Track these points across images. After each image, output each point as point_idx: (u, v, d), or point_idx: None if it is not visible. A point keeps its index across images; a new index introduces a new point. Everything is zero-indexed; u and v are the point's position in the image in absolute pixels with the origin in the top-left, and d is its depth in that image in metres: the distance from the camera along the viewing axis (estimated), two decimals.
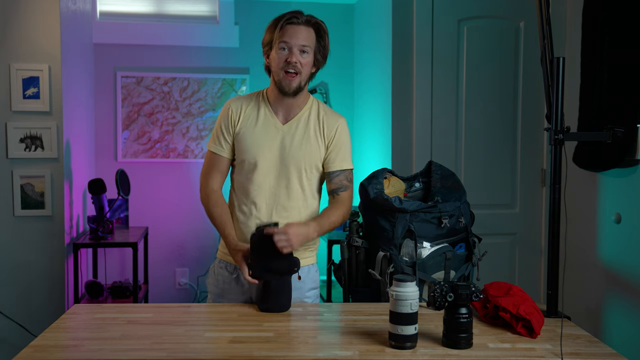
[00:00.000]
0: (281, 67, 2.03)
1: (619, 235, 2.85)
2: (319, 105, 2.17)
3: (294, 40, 2.02)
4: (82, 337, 1.73)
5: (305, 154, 2.10)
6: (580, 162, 2.94)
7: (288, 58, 2.02)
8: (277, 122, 2.11)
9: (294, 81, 2.04)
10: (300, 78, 2.04)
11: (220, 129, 2.14)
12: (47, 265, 3.29)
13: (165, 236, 4.33)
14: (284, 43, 2.02)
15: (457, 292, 1.62)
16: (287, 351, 1.58)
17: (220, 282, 2.19)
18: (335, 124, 2.14)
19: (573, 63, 3.08)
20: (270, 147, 2.09)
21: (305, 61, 2.04)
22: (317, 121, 2.13)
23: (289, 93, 2.06)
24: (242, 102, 2.15)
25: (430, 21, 3.42)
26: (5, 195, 3.24)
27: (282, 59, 2.03)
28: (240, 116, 2.12)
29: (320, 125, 2.13)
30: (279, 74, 2.05)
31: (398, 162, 3.46)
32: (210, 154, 2.17)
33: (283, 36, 2.02)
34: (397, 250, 2.09)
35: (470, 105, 3.48)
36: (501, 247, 3.53)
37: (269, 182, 2.10)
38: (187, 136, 4.32)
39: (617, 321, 2.87)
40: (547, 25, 1.93)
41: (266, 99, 2.15)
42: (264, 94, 2.17)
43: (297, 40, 2.02)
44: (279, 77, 2.05)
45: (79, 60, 3.78)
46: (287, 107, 2.12)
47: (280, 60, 2.03)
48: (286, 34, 2.02)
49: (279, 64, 2.03)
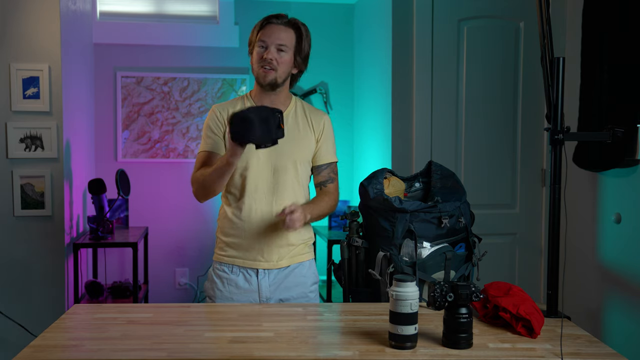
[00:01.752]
0: (259, 63, 2.12)
1: (619, 235, 2.85)
2: (302, 104, 2.26)
3: (271, 39, 2.11)
4: (82, 337, 1.73)
5: (299, 148, 2.17)
6: (580, 162, 2.94)
7: (264, 55, 2.11)
8: None
9: (268, 75, 2.12)
10: (276, 74, 2.12)
11: (210, 130, 2.18)
12: (47, 265, 3.29)
13: (165, 236, 4.33)
14: (262, 42, 2.12)
15: (457, 292, 1.61)
16: (287, 351, 1.58)
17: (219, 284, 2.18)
18: (321, 119, 2.24)
19: (573, 63, 3.08)
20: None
21: (282, 59, 2.12)
22: (304, 117, 2.21)
23: (264, 86, 2.14)
24: (226, 106, 2.21)
25: (430, 21, 3.42)
26: (5, 195, 3.24)
27: (260, 55, 2.12)
28: (227, 116, 2.16)
29: (309, 120, 2.21)
30: (257, 71, 2.14)
31: (398, 162, 3.46)
32: (201, 155, 2.17)
33: (262, 35, 2.12)
34: (397, 250, 2.09)
35: (470, 105, 3.48)
36: (501, 247, 3.54)
37: (264, 178, 2.13)
38: (187, 136, 4.32)
39: (617, 321, 2.87)
40: (547, 25, 1.93)
41: (251, 99, 2.21)
42: (248, 95, 2.23)
43: (274, 39, 2.11)
44: (257, 73, 2.14)
45: (79, 60, 3.78)
46: (272, 104, 2.16)
47: (257, 57, 2.13)
48: (265, 33, 2.12)
49: (257, 61, 2.13)
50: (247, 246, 2.15)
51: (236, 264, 2.17)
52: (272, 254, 2.15)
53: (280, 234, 2.15)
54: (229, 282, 2.17)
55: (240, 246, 2.16)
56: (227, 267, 2.18)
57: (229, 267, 2.17)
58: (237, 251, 2.16)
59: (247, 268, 2.16)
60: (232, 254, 2.17)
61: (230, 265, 2.18)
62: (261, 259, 2.15)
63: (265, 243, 2.14)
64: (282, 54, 2.11)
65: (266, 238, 2.14)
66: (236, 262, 2.16)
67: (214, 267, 2.22)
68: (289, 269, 2.19)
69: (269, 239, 2.14)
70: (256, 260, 2.15)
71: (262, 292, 2.16)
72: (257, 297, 2.16)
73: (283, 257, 2.17)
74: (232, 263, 2.17)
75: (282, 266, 2.17)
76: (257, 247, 2.14)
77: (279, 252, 2.16)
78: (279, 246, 2.16)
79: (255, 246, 2.14)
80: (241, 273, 2.17)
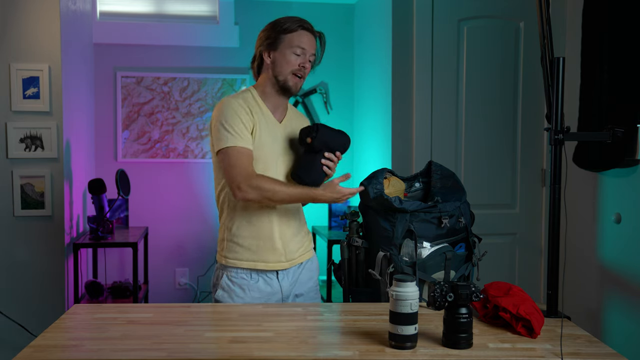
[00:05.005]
0: (292, 70, 2.11)
1: (619, 235, 2.85)
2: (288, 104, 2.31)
3: (309, 48, 2.13)
4: (82, 337, 1.73)
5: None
6: (580, 162, 2.94)
7: (302, 62, 2.11)
8: (275, 121, 2.17)
9: (299, 83, 2.15)
10: (302, 81, 2.16)
11: (242, 124, 2.05)
12: (47, 265, 3.29)
13: (165, 236, 4.33)
14: (300, 49, 2.11)
15: (457, 292, 1.61)
16: (287, 351, 1.58)
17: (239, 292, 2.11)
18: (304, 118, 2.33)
19: (573, 63, 3.08)
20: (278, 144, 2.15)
21: (309, 67, 2.16)
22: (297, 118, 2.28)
23: (292, 93, 2.16)
24: (242, 100, 2.12)
25: (430, 21, 3.42)
26: (5, 195, 3.24)
27: (297, 62, 2.11)
28: (251, 111, 2.10)
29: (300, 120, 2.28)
30: (285, 75, 2.12)
31: (398, 162, 3.46)
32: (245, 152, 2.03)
33: (301, 42, 2.11)
34: (397, 250, 2.09)
35: (470, 105, 3.48)
36: (501, 247, 3.54)
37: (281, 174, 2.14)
38: (187, 136, 4.32)
39: (617, 321, 2.87)
40: (547, 25, 1.93)
41: (258, 97, 2.17)
42: (254, 92, 2.18)
43: (311, 48, 2.13)
44: (285, 78, 2.12)
45: (79, 60, 3.78)
46: (279, 104, 2.19)
47: (294, 64, 2.11)
48: (304, 41, 2.11)
49: (291, 67, 2.11)
50: (270, 248, 2.12)
51: (258, 268, 2.11)
52: (292, 253, 2.17)
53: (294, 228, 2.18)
54: (250, 288, 2.12)
55: (262, 249, 2.11)
56: (245, 274, 2.13)
57: (247, 273, 2.13)
58: (258, 255, 2.11)
59: (267, 271, 2.14)
60: (253, 258, 2.11)
61: (248, 270, 2.13)
62: (283, 260, 2.14)
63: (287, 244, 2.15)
64: (309, 63, 2.15)
65: (286, 237, 2.15)
66: (258, 266, 2.11)
67: (229, 275, 2.13)
68: (302, 265, 2.23)
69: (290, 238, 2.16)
70: (279, 262, 2.14)
71: (284, 292, 2.17)
72: (280, 298, 2.16)
73: (300, 253, 2.20)
74: (253, 268, 2.11)
75: (298, 262, 2.20)
76: (280, 248, 2.13)
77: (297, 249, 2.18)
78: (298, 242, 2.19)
79: (278, 247, 2.12)
80: (260, 278, 2.13)
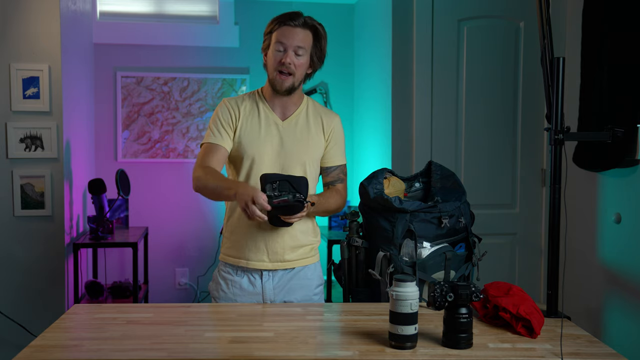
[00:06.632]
0: (275, 67, 2.08)
1: (619, 235, 2.85)
2: (314, 104, 2.23)
3: (289, 42, 2.06)
4: (82, 337, 1.73)
5: (308, 148, 2.14)
6: (580, 162, 2.94)
7: (282, 59, 2.07)
8: (276, 119, 2.15)
9: (286, 81, 2.09)
10: (293, 79, 2.10)
11: (220, 123, 2.11)
12: (47, 265, 3.28)
13: (165, 236, 4.33)
14: (280, 44, 2.07)
15: (457, 292, 1.61)
16: (287, 351, 1.58)
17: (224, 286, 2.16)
18: (332, 120, 2.21)
19: (573, 63, 3.08)
20: (271, 142, 2.12)
21: (299, 62, 2.08)
22: (315, 118, 2.18)
23: (281, 92, 2.11)
24: (237, 100, 2.17)
25: (430, 21, 3.42)
26: (5, 195, 3.24)
27: (277, 59, 2.08)
28: (239, 112, 2.13)
29: (320, 121, 2.19)
30: (273, 74, 2.10)
31: (398, 162, 3.46)
32: (205, 147, 2.10)
33: (280, 37, 2.07)
34: (397, 250, 2.09)
35: (470, 105, 3.48)
36: (501, 247, 3.53)
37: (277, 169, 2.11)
38: (187, 136, 4.32)
39: (617, 321, 2.87)
40: (547, 25, 1.93)
41: (262, 97, 2.18)
42: (260, 92, 2.20)
43: (292, 41, 2.06)
44: (273, 77, 2.10)
45: (79, 60, 3.78)
46: (284, 104, 2.16)
47: (275, 61, 2.08)
48: (283, 35, 2.07)
49: (273, 64, 2.09)
50: (252, 246, 2.11)
51: (241, 264, 2.13)
52: (277, 255, 2.12)
53: (288, 234, 2.12)
54: (233, 283, 2.15)
55: (245, 246, 2.12)
56: (231, 269, 2.16)
57: (234, 268, 2.15)
58: (242, 251, 2.13)
59: (252, 270, 2.14)
60: (237, 255, 2.14)
61: (234, 266, 2.15)
62: (266, 260, 2.12)
63: (271, 243, 2.11)
64: (299, 57, 2.07)
65: (272, 238, 2.11)
66: (241, 262, 2.13)
67: (219, 267, 2.20)
68: (294, 271, 2.17)
69: (276, 239, 2.11)
70: (261, 261, 2.12)
71: (266, 295, 2.14)
72: (260, 299, 2.14)
73: (289, 258, 2.14)
74: (237, 264, 2.14)
75: (287, 267, 2.15)
76: (263, 247, 2.11)
77: (285, 253, 2.13)
78: (288, 247, 2.13)
79: (261, 246, 2.11)
80: (245, 275, 2.14)
